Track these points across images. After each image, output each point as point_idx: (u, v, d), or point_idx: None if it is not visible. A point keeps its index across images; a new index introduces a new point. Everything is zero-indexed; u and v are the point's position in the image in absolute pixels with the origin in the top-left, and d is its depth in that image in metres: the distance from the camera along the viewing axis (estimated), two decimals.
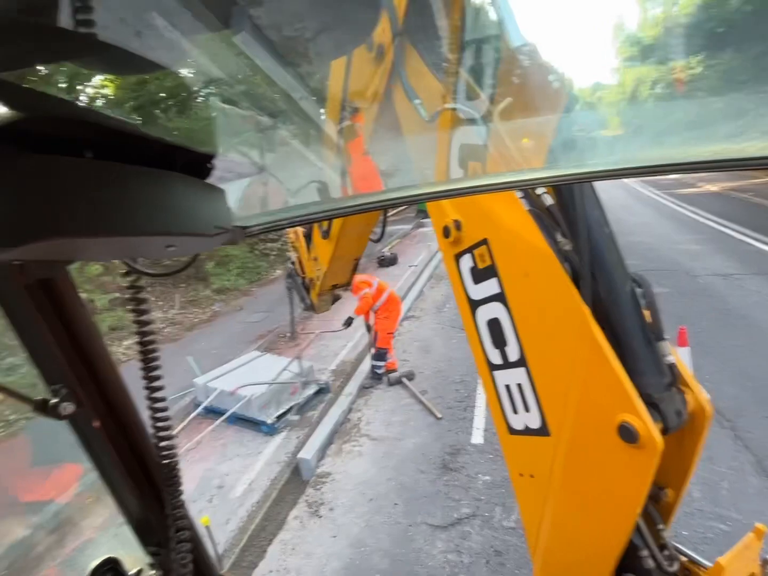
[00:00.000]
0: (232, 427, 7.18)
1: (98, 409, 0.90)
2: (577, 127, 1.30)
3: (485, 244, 1.64)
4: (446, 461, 5.82)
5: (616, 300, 1.44)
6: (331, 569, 4.57)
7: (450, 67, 1.86)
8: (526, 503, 1.85)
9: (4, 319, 0.78)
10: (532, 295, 1.53)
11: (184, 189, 0.55)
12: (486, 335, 1.73)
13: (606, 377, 1.33)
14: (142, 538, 1.07)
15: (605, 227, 1.51)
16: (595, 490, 1.50)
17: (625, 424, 1.28)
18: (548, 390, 1.56)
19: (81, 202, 0.44)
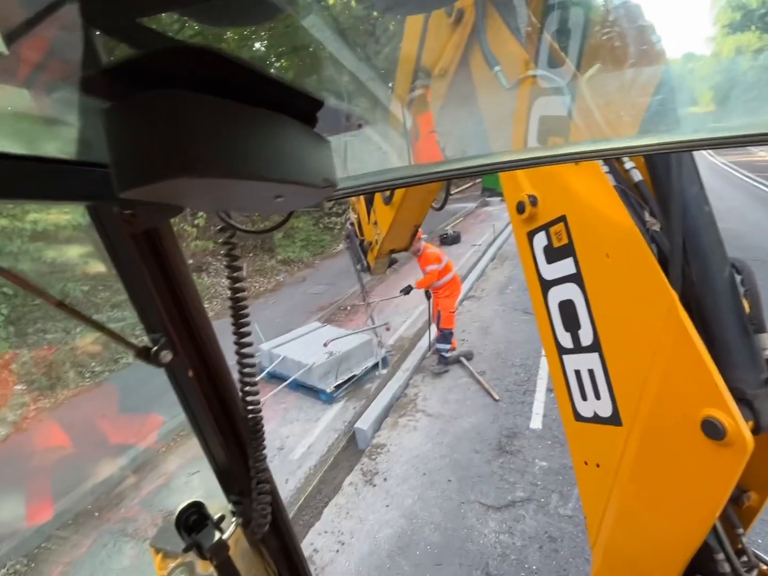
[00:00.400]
0: (294, 393, 7.47)
1: (192, 359, 0.93)
2: (663, 103, 1.18)
3: (563, 221, 1.54)
4: (502, 443, 5.75)
5: (710, 286, 1.32)
6: (383, 536, 4.68)
7: (534, 31, 1.74)
8: (588, 493, 1.78)
9: (113, 268, 0.82)
10: (613, 277, 1.41)
11: (299, 136, 0.54)
12: (557, 317, 1.65)
13: (692, 367, 1.22)
14: (225, 486, 1.12)
15: (704, 206, 1.37)
16: (671, 486, 1.40)
17: (711, 419, 1.17)
18: (623, 378, 1.47)
19: (209, 142, 0.43)
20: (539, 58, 1.74)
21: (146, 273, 0.82)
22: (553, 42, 1.65)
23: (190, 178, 0.43)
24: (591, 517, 1.76)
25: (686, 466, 1.32)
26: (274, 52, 11.40)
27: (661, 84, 1.22)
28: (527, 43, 1.81)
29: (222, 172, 0.44)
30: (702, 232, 1.35)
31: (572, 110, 1.55)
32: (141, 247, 0.80)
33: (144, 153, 0.43)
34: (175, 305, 0.88)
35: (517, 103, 1.72)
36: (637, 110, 1.22)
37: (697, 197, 1.37)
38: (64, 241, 9.12)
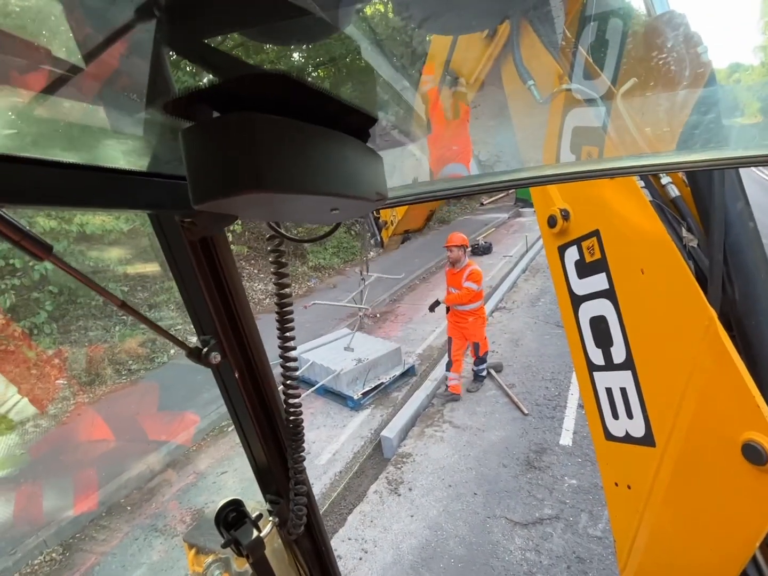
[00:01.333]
0: (321, 399, 7.54)
1: (239, 362, 0.97)
2: (707, 113, 1.15)
3: (596, 235, 1.53)
4: (531, 459, 5.65)
5: (754, 305, 1.29)
6: (407, 546, 4.66)
7: (568, 45, 1.73)
8: (619, 515, 1.73)
9: (172, 272, 0.87)
10: (648, 294, 1.40)
11: (355, 152, 0.57)
12: (588, 333, 1.63)
13: (732, 389, 1.20)
14: (264, 485, 1.15)
15: (749, 222, 1.33)
16: (708, 511, 1.36)
17: (752, 443, 1.14)
18: (658, 397, 1.43)
19: (277, 160, 0.46)
20: (574, 70, 1.71)
21: (201, 278, 0.87)
22: (588, 56, 1.62)
23: (259, 192, 0.46)
24: (621, 540, 1.72)
25: (725, 491, 1.28)
26: (311, 63, 11.61)
27: (706, 96, 1.19)
28: (561, 57, 1.80)
29: (288, 188, 0.48)
30: (746, 249, 1.32)
31: (606, 123, 1.55)
32: (198, 253, 0.85)
33: (219, 169, 0.47)
34: (225, 310, 0.93)
35: (550, 115, 1.72)
36: (676, 125, 1.19)
37: (741, 213, 1.34)
38: (107, 244, 9.50)
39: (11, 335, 7.51)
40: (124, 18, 0.64)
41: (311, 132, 0.51)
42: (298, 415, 1.03)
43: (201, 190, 0.49)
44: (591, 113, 1.56)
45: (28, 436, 6.50)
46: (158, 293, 10.37)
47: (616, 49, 1.56)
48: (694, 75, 1.46)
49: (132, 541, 5.18)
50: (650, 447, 1.47)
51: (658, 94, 1.42)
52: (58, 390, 7.30)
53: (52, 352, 8.14)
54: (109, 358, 8.63)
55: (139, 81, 0.72)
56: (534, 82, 1.92)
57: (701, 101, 1.16)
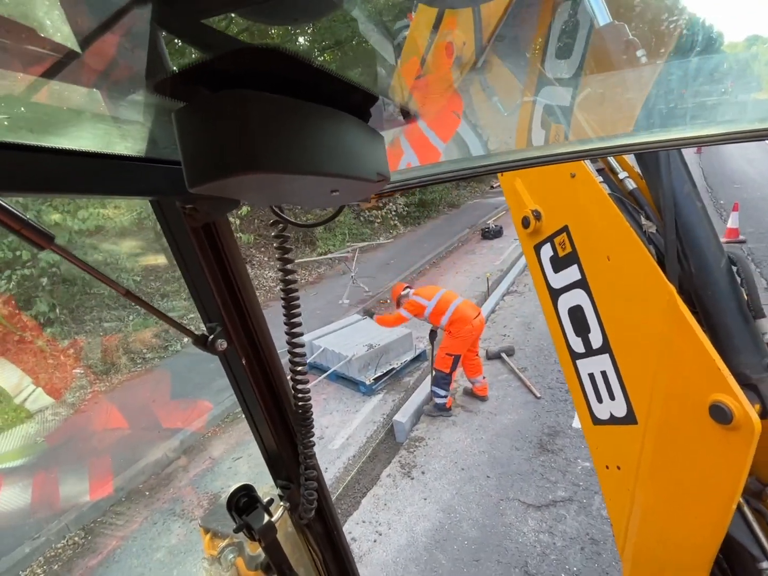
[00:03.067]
0: (333, 385, 7.59)
1: (245, 348, 0.97)
2: (723, 89, 1.16)
3: (565, 231, 1.64)
4: (543, 442, 5.66)
5: (708, 277, 1.39)
6: (420, 528, 4.71)
7: (533, 67, 1.76)
8: (612, 497, 1.78)
9: (176, 259, 0.86)
10: (615, 279, 1.50)
11: (355, 131, 0.55)
12: (568, 324, 1.72)
13: (695, 356, 1.27)
14: (274, 470, 1.16)
15: (696, 202, 1.43)
16: (688, 479, 1.40)
17: (718, 404, 1.21)
18: (634, 375, 1.51)
19: (273, 140, 0.45)
20: (547, 50, 1.74)
21: (205, 265, 0.86)
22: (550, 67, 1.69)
23: (254, 173, 0.44)
24: (617, 523, 1.76)
25: (699, 455, 1.34)
26: (317, 46, 11.49)
27: (703, 85, 1.21)
28: (528, 77, 1.82)
29: (284, 168, 0.46)
30: (696, 227, 1.42)
31: (573, 104, 1.55)
32: (201, 239, 0.84)
33: (213, 151, 0.46)
34: (230, 296, 0.92)
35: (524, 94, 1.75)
36: (633, 107, 1.20)
37: (688, 195, 1.44)
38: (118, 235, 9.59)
39: (29, 326, 7.65)
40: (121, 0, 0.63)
41: (307, 110, 0.49)
42: (306, 400, 1.02)
43: (195, 173, 0.47)
44: (561, 92, 1.61)
45: (47, 423, 6.66)
46: (170, 282, 10.47)
47: (585, 32, 1.60)
48: (638, 77, 1.48)
49: (151, 525, 5.30)
50: (633, 425, 1.53)
51: (614, 85, 1.47)
52: (75, 379, 7.44)
53: (68, 342, 8.28)
54: (124, 347, 8.76)
55: (137, 64, 0.71)
56: (498, 98, 1.98)
57: (706, 83, 1.17)
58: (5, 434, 6.39)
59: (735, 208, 11.34)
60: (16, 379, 6.53)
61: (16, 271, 7.98)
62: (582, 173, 1.53)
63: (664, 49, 1.38)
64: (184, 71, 0.45)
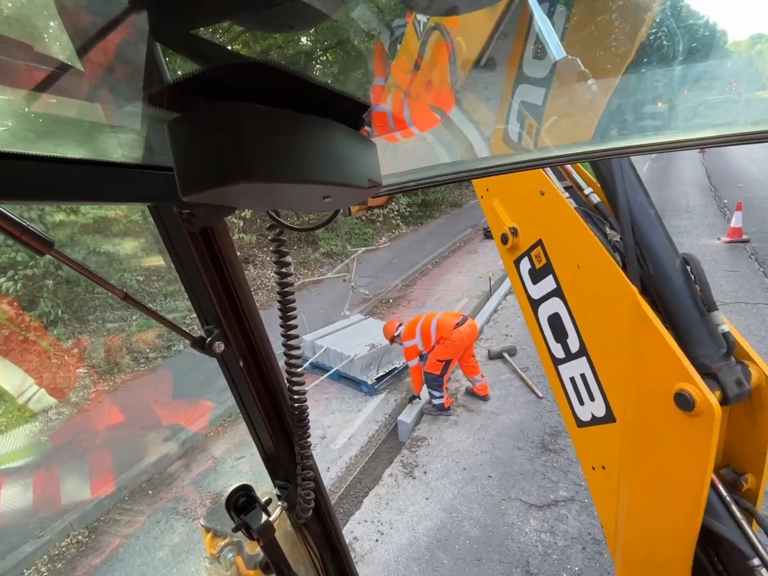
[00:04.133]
0: (336, 384, 7.61)
1: (243, 350, 0.98)
2: (728, 89, 1.17)
3: (540, 245, 1.76)
4: (545, 441, 5.66)
5: (665, 277, 1.49)
6: (423, 528, 4.72)
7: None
8: (600, 498, 1.83)
9: (173, 263, 0.88)
10: (585, 285, 1.61)
11: (346, 139, 0.57)
12: (548, 331, 1.83)
13: (659, 350, 1.36)
14: (272, 471, 1.17)
15: (650, 209, 1.55)
16: (661, 469, 1.48)
17: (681, 392, 1.29)
18: (609, 374, 1.61)
19: (264, 150, 0.46)
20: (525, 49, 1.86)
21: (202, 269, 0.88)
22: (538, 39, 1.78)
23: (247, 183, 0.46)
24: (606, 523, 1.81)
25: (669, 445, 1.42)
26: (320, 46, 11.49)
27: (707, 83, 1.26)
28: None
29: (276, 177, 0.47)
30: (651, 233, 1.54)
31: (545, 103, 1.75)
32: (198, 244, 0.86)
33: (205, 161, 0.47)
34: (228, 299, 0.93)
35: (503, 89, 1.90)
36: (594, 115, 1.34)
37: (642, 204, 1.57)
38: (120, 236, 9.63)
39: (31, 326, 7.70)
40: (116, 11, 0.64)
41: (299, 120, 0.50)
42: (303, 402, 1.04)
43: (188, 182, 0.49)
44: (535, 91, 1.79)
45: (51, 423, 6.70)
46: (173, 282, 10.50)
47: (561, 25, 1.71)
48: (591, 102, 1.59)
49: (154, 524, 5.33)
50: (612, 423, 1.61)
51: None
52: (78, 378, 7.49)
53: (71, 342, 8.32)
54: (127, 347, 8.80)
55: (133, 74, 0.72)
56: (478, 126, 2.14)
57: (712, 82, 1.22)
58: (10, 433, 6.44)
59: (738, 208, 11.29)
60: (20, 378, 6.58)
61: (19, 271, 8.02)
62: (550, 191, 1.66)
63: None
64: (176, 83, 0.46)
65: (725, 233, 11.62)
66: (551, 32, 1.63)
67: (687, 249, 11.06)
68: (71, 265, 0.74)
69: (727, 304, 8.10)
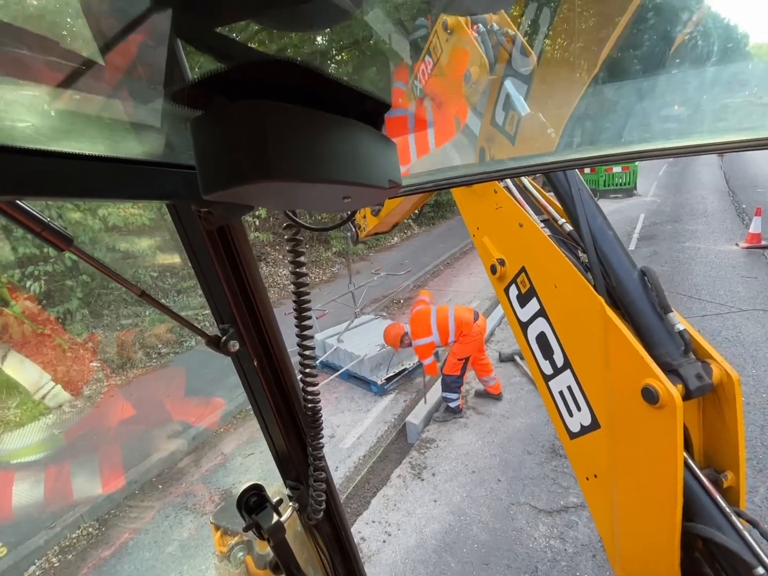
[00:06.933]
0: (345, 384, 7.61)
1: (257, 350, 0.98)
2: (747, 92, 1.21)
3: (523, 271, 1.97)
4: (556, 446, 5.60)
5: (625, 287, 1.67)
6: (430, 530, 4.70)
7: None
8: (596, 508, 1.88)
9: (190, 261, 0.87)
10: (562, 301, 1.79)
11: (367, 139, 0.56)
12: (537, 350, 1.97)
13: (626, 351, 1.50)
14: (284, 471, 1.17)
15: (608, 231, 1.78)
16: (639, 465, 1.57)
17: (647, 387, 1.41)
18: (590, 382, 1.73)
19: (286, 149, 0.45)
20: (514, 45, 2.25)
21: (219, 267, 0.87)
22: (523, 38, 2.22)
23: (269, 182, 0.45)
24: (605, 535, 1.85)
25: (641, 441, 1.53)
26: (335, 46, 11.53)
27: (725, 86, 1.30)
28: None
29: (298, 176, 0.47)
30: (610, 250, 1.74)
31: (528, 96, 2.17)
32: (215, 242, 0.85)
33: (227, 159, 0.46)
34: (243, 298, 0.93)
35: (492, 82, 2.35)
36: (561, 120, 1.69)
37: (601, 226, 1.78)
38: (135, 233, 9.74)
39: (48, 321, 7.81)
40: (139, 9, 0.64)
41: (321, 119, 0.49)
42: (316, 402, 1.03)
43: (210, 180, 0.48)
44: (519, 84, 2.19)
45: (65, 416, 6.79)
46: (186, 279, 10.59)
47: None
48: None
49: (163, 518, 5.37)
50: (598, 430, 1.72)
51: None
52: (91, 372, 7.58)
53: (85, 336, 8.43)
54: (140, 342, 8.89)
55: (156, 72, 0.72)
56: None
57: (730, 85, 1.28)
58: (26, 427, 6.54)
59: (758, 213, 11.10)
60: (36, 373, 6.67)
61: (39, 266, 8.15)
62: (527, 223, 1.91)
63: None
64: (200, 81, 0.46)
65: (743, 239, 11.42)
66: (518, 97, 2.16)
67: (704, 255, 10.96)
68: (90, 261, 0.74)
69: (745, 311, 7.96)
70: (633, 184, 20.63)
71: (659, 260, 11.14)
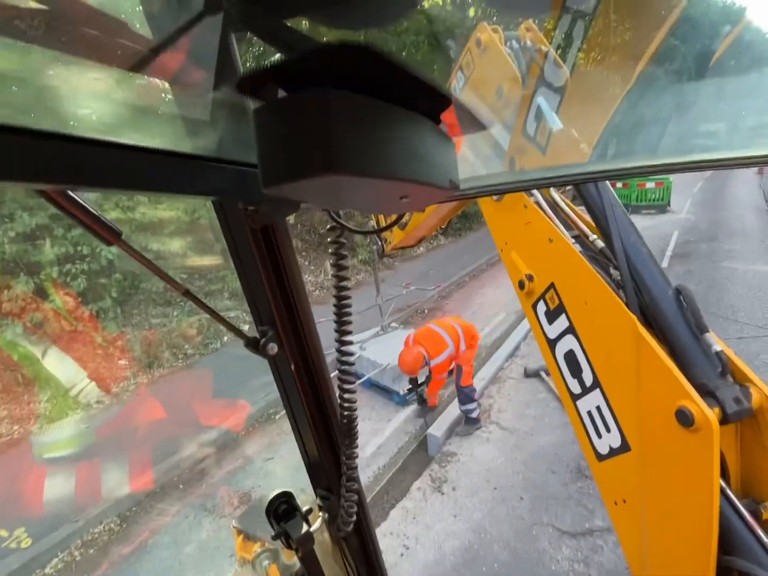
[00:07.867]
0: (367, 392, 7.57)
1: (295, 354, 0.96)
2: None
3: (552, 287, 1.93)
4: (582, 467, 5.44)
5: (658, 306, 1.63)
6: (449, 546, 4.60)
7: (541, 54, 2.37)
8: (625, 535, 1.80)
9: (233, 260, 0.86)
10: (593, 319, 1.75)
11: (430, 135, 0.53)
12: (565, 368, 1.93)
13: (659, 372, 1.44)
14: (315, 479, 1.14)
15: (642, 248, 1.75)
16: (672, 490, 1.50)
17: (681, 409, 1.34)
18: (620, 403, 1.67)
19: (352, 141, 0.43)
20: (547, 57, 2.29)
21: (261, 267, 0.86)
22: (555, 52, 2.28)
23: (333, 175, 0.42)
24: (633, 562, 1.77)
25: (676, 465, 1.45)
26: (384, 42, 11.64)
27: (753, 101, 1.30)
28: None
29: (362, 171, 0.44)
30: (643, 267, 1.70)
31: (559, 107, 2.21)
32: (259, 242, 0.84)
33: (292, 151, 0.44)
34: (284, 301, 0.91)
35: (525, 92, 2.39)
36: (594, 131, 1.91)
37: (635, 243, 1.76)
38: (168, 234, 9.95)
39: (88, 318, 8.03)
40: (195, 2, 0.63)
41: (388, 111, 0.47)
42: (353, 410, 1.00)
43: (272, 172, 0.46)
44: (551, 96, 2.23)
45: (92, 411, 6.94)
46: (214, 281, 10.75)
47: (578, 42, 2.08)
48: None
49: (183, 518, 5.40)
50: (628, 452, 1.65)
51: None
52: (119, 370, 7.73)
53: (115, 335, 8.62)
54: (167, 342, 9.04)
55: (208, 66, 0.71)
56: None
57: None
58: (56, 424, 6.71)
59: None
60: (72, 370, 6.84)
61: (75, 264, 8.38)
62: (557, 238, 1.87)
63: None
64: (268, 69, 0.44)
65: None
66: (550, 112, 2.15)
67: (741, 275, 10.59)
68: (136, 257, 0.74)
69: None
70: (666, 200, 20.10)
71: (693, 279, 10.81)
